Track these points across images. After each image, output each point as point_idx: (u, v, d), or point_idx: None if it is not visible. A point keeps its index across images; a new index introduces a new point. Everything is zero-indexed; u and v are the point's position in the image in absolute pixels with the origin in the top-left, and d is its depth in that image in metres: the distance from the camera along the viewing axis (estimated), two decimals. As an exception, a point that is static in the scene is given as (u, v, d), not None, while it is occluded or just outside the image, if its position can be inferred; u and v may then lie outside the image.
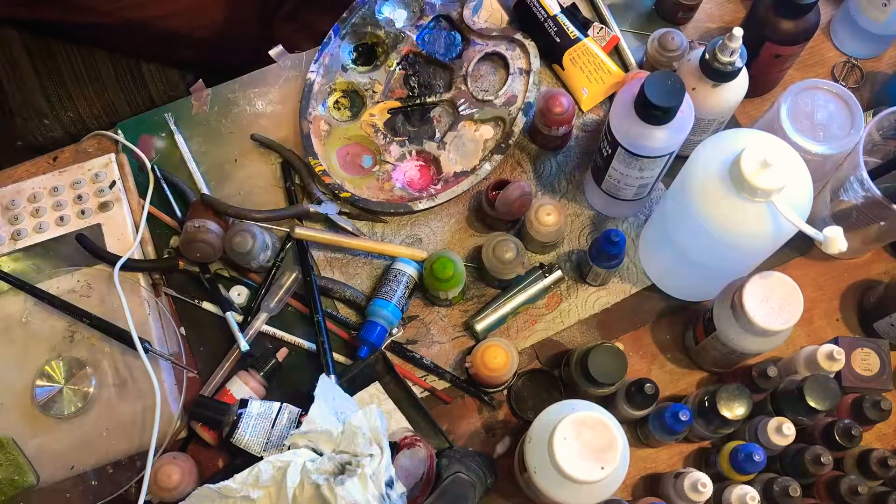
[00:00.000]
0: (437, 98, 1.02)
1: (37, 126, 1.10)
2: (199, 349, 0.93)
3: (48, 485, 0.86)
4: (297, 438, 0.80)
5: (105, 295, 0.90)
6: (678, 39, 0.97)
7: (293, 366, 0.92)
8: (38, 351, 0.89)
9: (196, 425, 0.87)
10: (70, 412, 0.87)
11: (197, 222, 0.89)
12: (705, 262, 0.82)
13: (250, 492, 0.77)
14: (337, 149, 1.01)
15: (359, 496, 0.73)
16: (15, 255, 0.94)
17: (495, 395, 0.91)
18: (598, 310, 0.94)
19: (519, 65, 1.02)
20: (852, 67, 1.05)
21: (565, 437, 0.69)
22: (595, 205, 0.98)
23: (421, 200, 0.96)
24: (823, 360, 0.82)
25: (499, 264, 0.90)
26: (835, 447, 0.80)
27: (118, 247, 0.94)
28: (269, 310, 0.91)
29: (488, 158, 0.98)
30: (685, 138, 0.81)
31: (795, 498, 0.77)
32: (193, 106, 1.04)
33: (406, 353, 0.92)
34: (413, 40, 1.04)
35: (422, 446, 0.81)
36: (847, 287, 0.96)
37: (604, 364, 0.82)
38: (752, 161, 0.70)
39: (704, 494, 0.77)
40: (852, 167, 0.83)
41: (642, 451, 0.89)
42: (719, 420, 0.80)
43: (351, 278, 0.96)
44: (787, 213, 0.71)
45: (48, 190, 0.97)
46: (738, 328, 0.80)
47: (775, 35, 0.90)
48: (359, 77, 1.03)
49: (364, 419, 0.79)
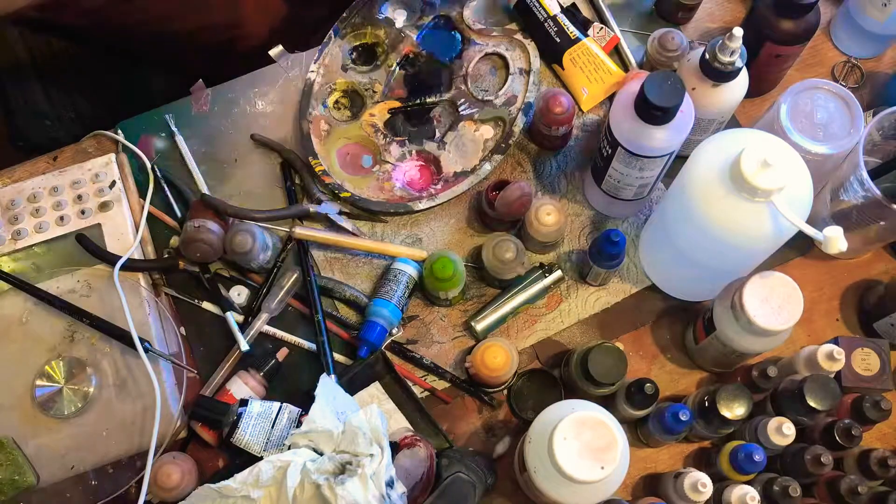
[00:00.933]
0: (437, 98, 1.02)
1: (37, 126, 1.10)
2: (199, 349, 0.93)
3: (48, 485, 0.86)
4: (298, 438, 0.80)
5: (105, 295, 0.90)
6: (678, 39, 0.97)
7: (293, 366, 0.92)
8: (38, 351, 0.89)
9: (196, 425, 0.87)
10: (70, 412, 0.87)
11: (197, 222, 0.89)
12: (705, 262, 0.82)
13: (251, 491, 0.77)
14: (337, 149, 1.01)
15: (359, 496, 0.73)
16: (15, 255, 0.94)
17: (495, 395, 0.91)
18: (598, 310, 0.94)
19: (519, 65, 1.02)
20: (852, 67, 1.05)
21: (565, 437, 0.69)
22: (595, 205, 0.98)
23: (421, 200, 0.96)
24: (823, 360, 0.82)
25: (499, 264, 0.90)
26: (835, 447, 0.80)
27: (118, 247, 0.94)
28: (270, 310, 0.91)
29: (488, 158, 0.98)
30: (685, 138, 0.81)
31: (795, 498, 0.77)
32: (193, 106, 1.04)
33: (406, 353, 0.92)
34: (413, 40, 1.04)
35: (422, 446, 0.81)
36: (847, 287, 0.95)
37: (604, 364, 0.82)
38: (752, 161, 0.70)
39: (704, 494, 0.77)
40: (852, 167, 0.83)
41: (642, 451, 0.89)
42: (719, 420, 0.80)
43: (351, 278, 0.96)
44: (787, 213, 0.71)
45: (48, 190, 0.97)
46: (738, 328, 0.80)
47: (775, 35, 0.90)
48: (359, 77, 1.03)
49: (364, 419, 0.79)
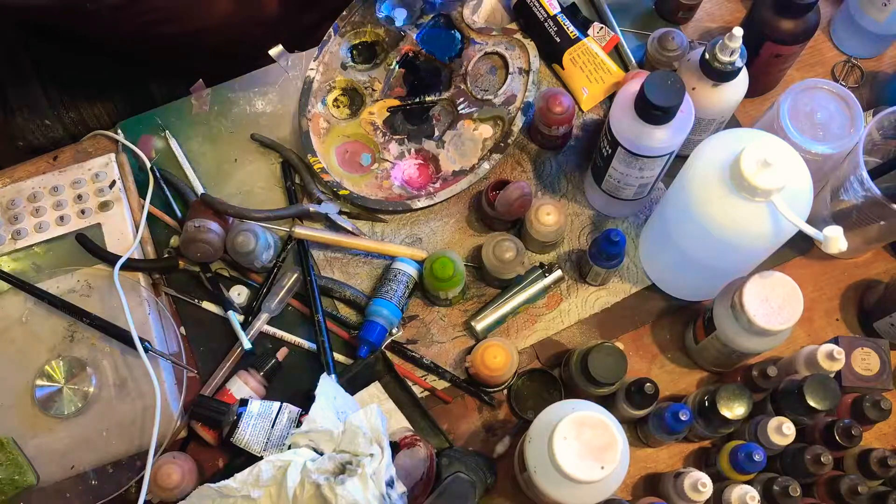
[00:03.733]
0: (437, 97, 1.02)
1: (37, 126, 1.10)
2: (199, 349, 0.93)
3: (48, 485, 0.86)
4: (298, 438, 0.80)
5: (105, 295, 0.90)
6: (678, 39, 0.97)
7: (293, 365, 0.92)
8: (38, 351, 0.89)
9: (196, 425, 0.87)
10: (70, 412, 0.87)
11: (197, 222, 0.89)
12: (705, 262, 0.82)
13: (251, 491, 0.77)
14: (336, 146, 1.01)
15: (359, 496, 0.73)
16: (15, 254, 0.94)
17: (495, 394, 0.91)
18: (598, 309, 0.94)
19: (518, 64, 1.02)
20: (852, 67, 1.05)
21: (565, 437, 0.69)
22: (595, 205, 0.98)
23: (419, 199, 0.96)
24: (823, 360, 0.82)
25: (499, 264, 0.90)
26: (835, 447, 0.80)
27: (118, 247, 0.93)
28: (271, 310, 0.91)
29: (487, 157, 0.98)
30: (685, 138, 0.81)
31: (795, 498, 0.77)
32: (193, 106, 1.04)
33: (406, 353, 0.92)
34: (413, 39, 1.04)
35: (422, 446, 0.81)
36: (847, 287, 0.95)
37: (604, 364, 0.82)
38: (752, 161, 0.70)
39: (704, 494, 0.77)
40: (852, 167, 0.83)
41: (642, 451, 0.89)
42: (719, 420, 0.80)
43: (351, 278, 0.96)
44: (787, 212, 0.71)
45: (48, 189, 0.96)
46: (738, 328, 0.80)
47: (775, 35, 0.90)
48: (358, 75, 1.03)
49: (365, 419, 0.79)
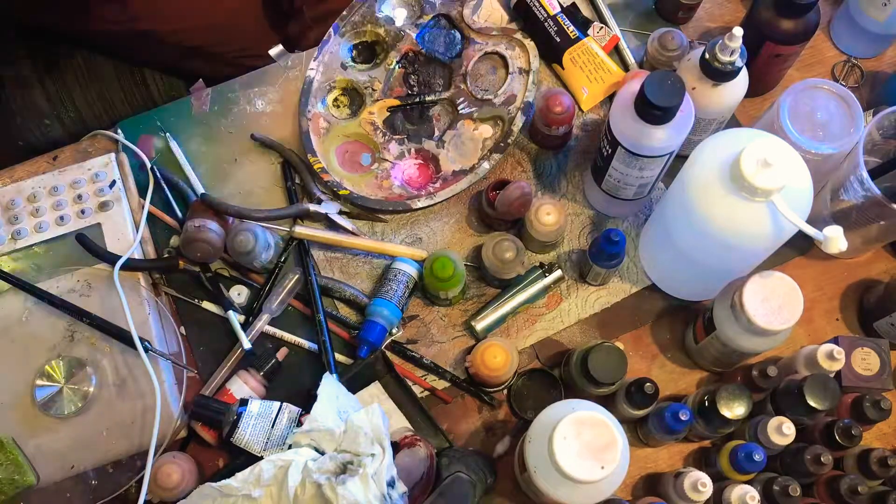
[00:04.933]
0: (437, 97, 1.02)
1: (37, 126, 1.10)
2: (199, 349, 0.93)
3: (48, 484, 0.86)
4: (300, 437, 0.80)
5: (105, 295, 0.90)
6: (678, 39, 0.97)
7: (293, 365, 0.92)
8: (38, 351, 0.89)
9: (196, 425, 0.87)
10: (70, 412, 0.87)
11: (197, 222, 0.89)
12: (705, 262, 0.82)
13: (252, 490, 0.77)
14: (336, 146, 1.01)
15: (360, 496, 0.73)
16: (15, 254, 0.94)
17: (495, 394, 0.91)
18: (598, 309, 0.94)
19: (518, 64, 1.02)
20: (852, 67, 1.05)
21: (565, 437, 0.69)
22: (595, 204, 0.98)
23: (419, 198, 0.96)
24: (823, 360, 0.82)
25: (499, 264, 0.90)
26: (835, 447, 0.80)
27: (118, 246, 0.93)
28: (271, 311, 0.91)
29: (487, 157, 0.98)
30: (685, 138, 0.81)
31: (795, 498, 0.77)
32: (193, 106, 1.04)
33: (406, 353, 0.92)
34: (413, 39, 1.04)
35: (422, 446, 0.81)
36: (847, 287, 0.95)
37: (604, 364, 0.82)
38: (752, 161, 0.70)
39: (704, 494, 0.77)
40: (852, 167, 0.83)
41: (642, 450, 0.89)
42: (719, 420, 0.80)
43: (351, 278, 0.96)
44: (787, 212, 0.71)
45: (48, 189, 0.96)
46: (738, 328, 0.80)
47: (775, 35, 0.90)
48: (358, 75, 1.03)
49: (366, 418, 0.79)
